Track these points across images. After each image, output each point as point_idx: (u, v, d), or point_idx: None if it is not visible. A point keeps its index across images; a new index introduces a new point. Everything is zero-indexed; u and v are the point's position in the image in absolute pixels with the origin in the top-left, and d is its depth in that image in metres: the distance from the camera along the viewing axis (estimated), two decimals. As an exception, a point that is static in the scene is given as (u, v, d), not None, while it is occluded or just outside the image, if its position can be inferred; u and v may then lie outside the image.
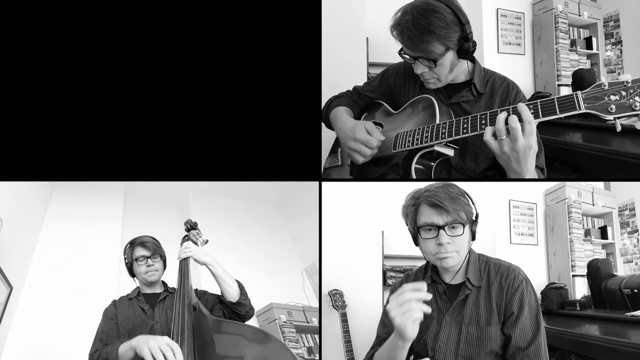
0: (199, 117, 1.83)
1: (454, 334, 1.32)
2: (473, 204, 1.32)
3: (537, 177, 1.49)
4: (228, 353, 1.34)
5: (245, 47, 1.83)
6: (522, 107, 1.27)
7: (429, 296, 1.13)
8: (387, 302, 1.46)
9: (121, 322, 1.70)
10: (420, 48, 1.44)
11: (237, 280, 1.77)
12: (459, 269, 1.35)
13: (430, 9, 1.43)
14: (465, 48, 1.47)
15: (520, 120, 1.27)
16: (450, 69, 1.52)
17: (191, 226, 1.91)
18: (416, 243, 1.36)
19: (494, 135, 1.31)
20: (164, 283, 1.86)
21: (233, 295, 1.72)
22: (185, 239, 1.88)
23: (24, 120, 1.80)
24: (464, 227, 1.29)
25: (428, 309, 1.12)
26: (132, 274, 1.83)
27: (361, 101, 1.84)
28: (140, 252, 1.79)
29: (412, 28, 1.42)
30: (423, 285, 1.13)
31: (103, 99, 1.81)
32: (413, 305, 1.10)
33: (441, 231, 1.27)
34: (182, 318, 1.41)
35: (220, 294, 1.76)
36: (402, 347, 1.18)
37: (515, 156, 1.29)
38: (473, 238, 1.33)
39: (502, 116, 1.29)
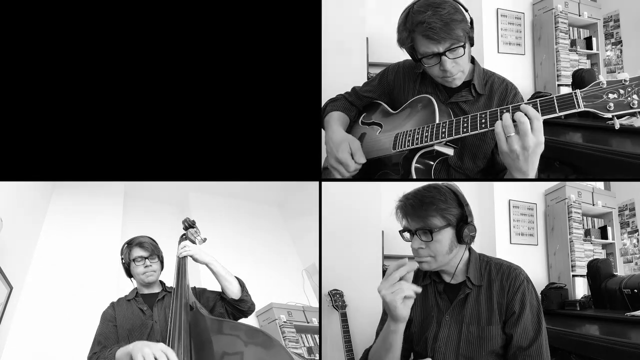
0: (199, 117, 1.83)
1: (454, 333, 1.32)
2: (465, 205, 1.32)
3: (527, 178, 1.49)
4: (225, 352, 1.34)
5: (245, 47, 1.83)
6: (527, 106, 1.27)
7: (414, 265, 1.17)
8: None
9: (120, 324, 1.69)
10: (450, 37, 1.45)
11: (237, 277, 1.78)
12: (458, 268, 1.35)
13: (440, 1, 1.47)
14: (472, 35, 1.52)
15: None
16: (468, 58, 1.56)
17: (189, 224, 1.91)
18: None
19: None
20: (162, 283, 1.86)
21: (235, 292, 1.73)
22: (183, 237, 1.87)
23: (24, 120, 1.80)
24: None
25: (418, 289, 1.16)
26: (130, 274, 1.83)
27: (360, 102, 1.84)
28: (137, 252, 1.79)
29: (437, 20, 1.43)
30: (404, 260, 1.16)
31: (103, 99, 1.81)
32: (403, 285, 1.13)
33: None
34: (179, 318, 1.41)
35: (220, 290, 1.76)
36: (395, 330, 1.19)
37: (525, 154, 1.27)
38: (460, 240, 1.31)
39: (508, 114, 1.29)
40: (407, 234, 1.32)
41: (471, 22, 1.49)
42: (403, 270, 1.15)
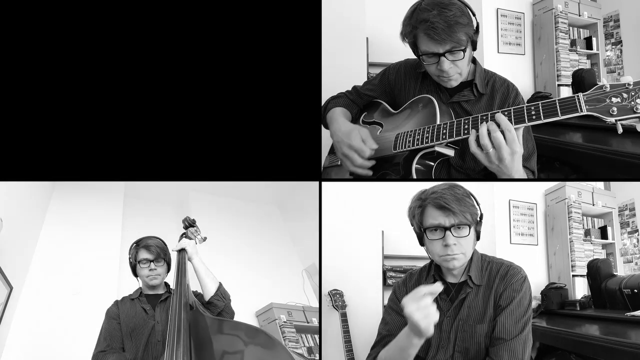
0: (199, 117, 1.83)
1: (452, 331, 1.33)
2: (478, 204, 1.34)
3: (527, 178, 1.51)
4: (225, 352, 1.34)
5: (245, 47, 1.83)
6: (500, 117, 1.31)
7: (439, 289, 1.15)
8: (391, 302, 1.47)
9: (123, 322, 1.71)
10: (452, 39, 1.44)
11: (219, 283, 1.78)
12: (463, 269, 1.36)
13: (448, 2, 1.45)
14: (476, 39, 1.50)
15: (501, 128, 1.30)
16: (468, 61, 1.54)
17: (189, 223, 1.91)
18: (422, 243, 1.37)
19: (479, 146, 1.34)
20: (166, 284, 1.86)
21: (210, 292, 1.74)
22: (183, 236, 1.87)
23: (24, 120, 1.80)
24: (469, 228, 1.30)
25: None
26: (136, 274, 1.84)
27: (360, 100, 1.84)
28: (143, 255, 1.79)
29: (440, 21, 1.42)
30: (439, 287, 1.15)
31: (103, 99, 1.81)
32: (431, 309, 1.11)
33: (447, 232, 1.28)
34: (178, 317, 1.41)
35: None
36: (417, 344, 1.19)
37: (504, 164, 1.33)
38: (478, 238, 1.35)
39: (484, 130, 1.32)
40: (436, 232, 1.31)
41: (477, 27, 1.49)
42: (435, 293, 1.13)
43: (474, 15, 1.49)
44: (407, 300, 1.14)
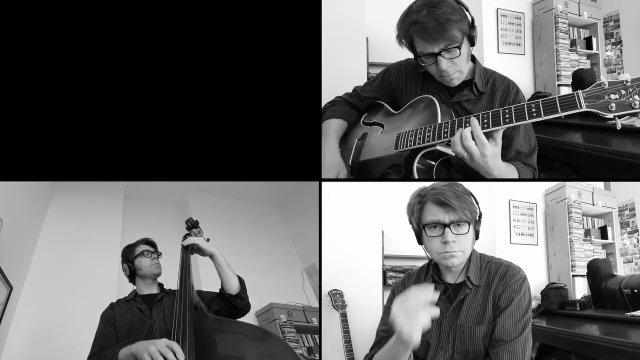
0: (199, 117, 1.83)
1: (451, 333, 1.33)
2: (477, 203, 1.33)
3: (521, 176, 1.53)
4: (230, 352, 1.34)
5: (245, 47, 1.83)
6: (472, 121, 1.36)
7: (436, 295, 1.09)
8: (390, 302, 1.47)
9: (119, 324, 1.70)
10: (444, 37, 1.45)
11: (237, 275, 1.79)
12: (462, 269, 1.36)
13: (438, 0, 1.46)
14: (473, 34, 1.50)
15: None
16: (466, 58, 1.54)
17: (192, 225, 1.91)
18: (420, 242, 1.37)
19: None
20: (160, 284, 1.87)
21: (234, 288, 1.73)
22: (187, 237, 1.88)
23: (23, 120, 1.80)
24: (469, 225, 1.29)
25: (436, 313, 1.07)
26: (133, 276, 1.84)
27: (362, 103, 1.84)
28: (144, 247, 1.85)
29: (431, 21, 1.43)
30: (429, 287, 1.09)
31: (103, 99, 1.81)
32: (420, 314, 1.05)
33: (447, 229, 1.28)
34: (183, 317, 1.41)
35: (218, 291, 1.77)
36: (404, 354, 1.17)
37: (480, 165, 1.38)
38: (477, 237, 1.35)
39: (457, 138, 1.38)
40: (435, 229, 1.30)
41: (472, 22, 1.49)
42: (422, 299, 1.06)
43: (467, 10, 1.48)
44: (395, 302, 1.09)
